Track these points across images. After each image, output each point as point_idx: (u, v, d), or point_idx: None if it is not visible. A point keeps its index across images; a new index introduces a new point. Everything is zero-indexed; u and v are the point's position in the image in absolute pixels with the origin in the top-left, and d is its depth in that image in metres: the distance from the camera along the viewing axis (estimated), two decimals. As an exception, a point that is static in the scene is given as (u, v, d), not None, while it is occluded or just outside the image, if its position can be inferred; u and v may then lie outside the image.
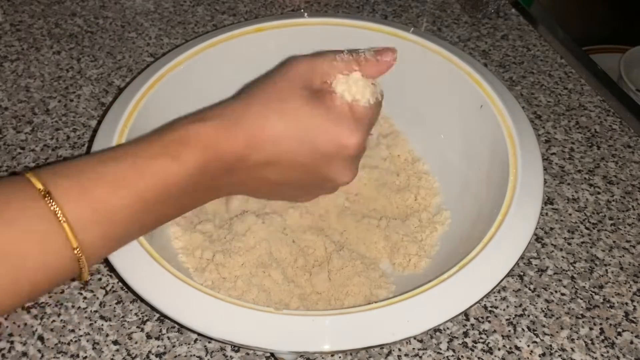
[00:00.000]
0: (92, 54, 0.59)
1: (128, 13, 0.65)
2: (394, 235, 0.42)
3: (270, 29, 0.46)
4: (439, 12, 0.66)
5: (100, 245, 0.30)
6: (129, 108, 0.40)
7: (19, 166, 0.49)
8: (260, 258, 0.39)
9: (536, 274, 0.43)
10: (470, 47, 0.62)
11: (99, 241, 0.30)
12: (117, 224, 0.30)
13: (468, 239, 0.37)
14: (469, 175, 0.43)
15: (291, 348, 0.30)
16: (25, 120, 0.53)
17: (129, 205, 0.30)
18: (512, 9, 0.67)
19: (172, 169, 0.30)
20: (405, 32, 0.45)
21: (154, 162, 0.30)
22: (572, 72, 0.59)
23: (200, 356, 0.38)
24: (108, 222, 0.29)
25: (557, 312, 0.41)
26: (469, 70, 0.43)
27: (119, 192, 0.29)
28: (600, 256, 0.44)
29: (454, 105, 0.45)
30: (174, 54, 0.44)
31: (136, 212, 0.30)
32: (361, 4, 0.67)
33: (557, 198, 0.48)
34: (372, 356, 0.38)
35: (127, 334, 0.39)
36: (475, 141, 0.43)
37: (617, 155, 0.52)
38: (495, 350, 0.39)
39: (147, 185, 0.30)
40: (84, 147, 0.51)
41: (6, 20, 0.63)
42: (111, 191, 0.29)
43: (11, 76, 0.57)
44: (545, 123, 0.54)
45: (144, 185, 0.30)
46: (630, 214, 0.47)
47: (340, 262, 0.40)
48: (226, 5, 0.66)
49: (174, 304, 0.31)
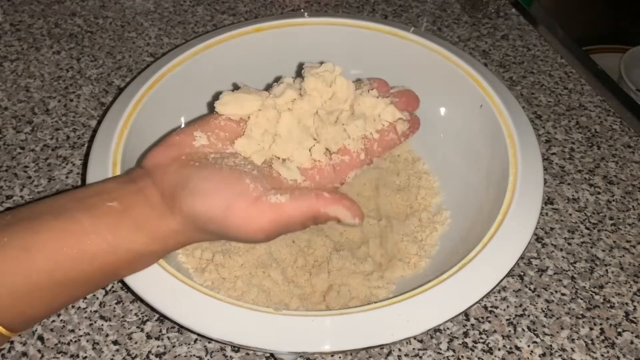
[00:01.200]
0: (92, 53, 0.59)
1: (128, 13, 0.65)
2: (394, 235, 0.42)
3: (270, 29, 0.46)
4: (439, 11, 0.66)
5: (22, 321, 0.29)
6: (129, 108, 0.40)
7: (19, 166, 0.49)
8: (260, 258, 0.39)
9: (536, 274, 0.43)
10: (471, 47, 0.62)
11: (19, 319, 0.29)
12: (35, 303, 0.29)
13: (468, 239, 0.37)
14: (469, 175, 0.43)
15: (291, 348, 0.30)
16: (25, 120, 0.53)
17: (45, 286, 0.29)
18: (512, 8, 0.67)
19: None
20: (405, 31, 0.45)
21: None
22: (572, 72, 0.59)
23: (200, 356, 0.38)
24: (25, 303, 0.29)
25: (557, 312, 0.41)
26: (469, 70, 0.43)
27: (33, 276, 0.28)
28: (600, 256, 0.44)
29: (454, 105, 0.45)
30: (174, 54, 0.44)
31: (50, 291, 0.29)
32: (361, 4, 0.67)
33: (557, 198, 0.48)
34: (372, 356, 0.38)
35: (127, 334, 0.39)
36: (475, 141, 0.43)
37: (617, 155, 0.52)
38: (496, 351, 0.39)
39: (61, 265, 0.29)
40: (84, 147, 0.51)
41: (6, 20, 0.63)
42: (25, 273, 0.28)
43: (11, 76, 0.57)
44: (545, 123, 0.54)
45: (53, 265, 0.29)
46: (631, 214, 0.47)
47: (340, 262, 0.40)
48: (226, 5, 0.66)
49: (174, 304, 0.31)
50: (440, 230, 0.42)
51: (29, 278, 0.28)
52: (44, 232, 0.28)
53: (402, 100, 0.37)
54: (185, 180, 0.30)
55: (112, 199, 0.30)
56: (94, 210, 0.29)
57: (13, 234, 0.28)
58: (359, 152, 0.34)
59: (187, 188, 0.30)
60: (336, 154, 0.34)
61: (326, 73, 0.34)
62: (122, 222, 0.29)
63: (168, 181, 0.30)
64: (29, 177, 0.48)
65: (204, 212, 0.29)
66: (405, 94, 0.37)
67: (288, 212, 0.30)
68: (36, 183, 0.48)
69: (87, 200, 0.30)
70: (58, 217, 0.29)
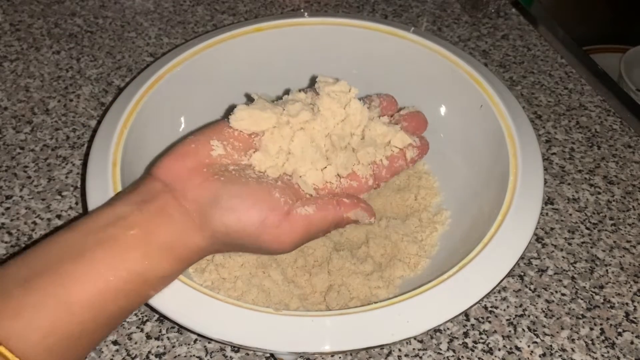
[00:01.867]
0: (92, 53, 0.59)
1: (128, 13, 0.64)
2: (394, 235, 0.42)
3: (270, 28, 0.46)
4: (439, 11, 0.66)
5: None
6: (129, 108, 0.40)
7: (19, 166, 0.49)
8: (260, 258, 0.39)
9: (536, 274, 0.43)
10: (471, 46, 0.62)
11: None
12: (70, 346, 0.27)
13: (468, 239, 0.37)
14: (469, 175, 0.43)
15: (291, 349, 0.30)
16: (25, 120, 0.53)
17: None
18: (512, 8, 0.67)
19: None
20: (405, 31, 0.45)
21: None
22: (572, 72, 0.59)
23: (200, 356, 0.38)
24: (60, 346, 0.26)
25: (557, 313, 0.41)
26: (469, 70, 0.43)
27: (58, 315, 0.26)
28: (600, 256, 0.44)
29: (454, 105, 0.45)
30: (173, 53, 0.44)
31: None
32: (361, 4, 0.67)
33: (558, 198, 0.48)
34: (372, 356, 0.38)
35: (127, 334, 0.39)
36: (475, 141, 0.43)
37: (617, 155, 0.52)
38: (496, 351, 0.39)
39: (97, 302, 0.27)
40: (84, 147, 0.50)
41: (6, 20, 0.63)
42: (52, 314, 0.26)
43: (11, 76, 0.57)
44: (545, 123, 0.54)
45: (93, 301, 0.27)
46: (631, 214, 0.47)
47: (340, 262, 0.40)
48: (226, 5, 0.66)
49: (174, 304, 0.31)
50: (440, 230, 0.42)
51: (71, 326, 0.26)
52: (71, 285, 0.26)
53: (412, 124, 0.37)
54: (214, 197, 0.29)
55: (131, 226, 0.28)
56: (115, 245, 0.28)
57: (40, 290, 0.26)
58: (367, 178, 0.34)
59: (218, 205, 0.29)
60: (345, 178, 0.34)
61: (341, 93, 0.34)
62: (149, 251, 0.28)
63: (193, 197, 0.29)
64: (29, 177, 0.48)
65: (238, 229, 0.29)
66: (414, 118, 0.37)
67: (316, 222, 0.31)
68: (36, 183, 0.47)
69: (103, 232, 0.28)
70: (79, 261, 0.27)
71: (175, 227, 0.29)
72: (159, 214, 0.29)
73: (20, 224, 0.45)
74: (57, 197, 0.47)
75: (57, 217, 0.45)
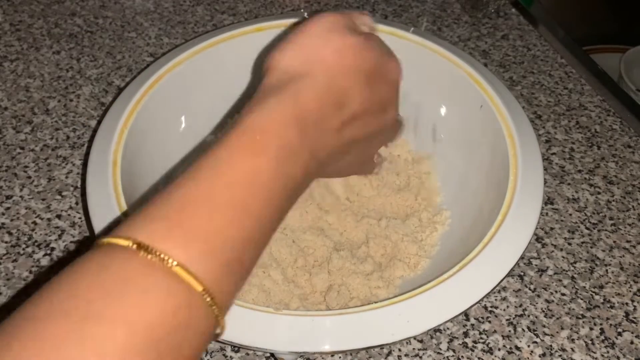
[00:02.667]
0: (92, 53, 0.59)
1: (128, 13, 0.65)
2: (394, 235, 0.42)
3: (270, 28, 0.46)
4: (439, 11, 0.66)
5: (225, 277, 0.25)
6: (129, 108, 0.40)
7: (19, 166, 0.49)
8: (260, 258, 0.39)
9: (536, 274, 0.43)
10: (471, 47, 0.62)
11: (221, 273, 0.24)
12: (229, 247, 0.25)
13: (468, 239, 0.37)
14: (469, 176, 0.43)
15: (291, 348, 0.30)
16: (25, 120, 0.53)
17: (234, 220, 0.25)
18: (512, 8, 0.67)
19: (258, 165, 0.26)
20: (405, 31, 0.45)
21: (236, 168, 0.26)
22: (572, 72, 0.59)
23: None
24: (220, 249, 0.24)
25: (557, 312, 0.41)
26: (469, 70, 0.43)
27: (218, 213, 0.25)
28: (600, 256, 0.44)
29: (454, 105, 0.45)
30: (173, 53, 0.44)
31: (241, 222, 0.26)
32: (361, 4, 0.67)
33: (557, 198, 0.48)
34: (372, 356, 0.38)
35: (127, 334, 0.39)
36: (475, 141, 0.43)
37: (617, 155, 0.52)
38: (496, 351, 0.39)
39: (242, 195, 0.26)
40: (84, 147, 0.50)
41: (6, 20, 0.63)
42: (207, 214, 0.24)
43: (11, 76, 0.57)
44: (545, 123, 0.54)
45: (239, 195, 0.25)
46: (631, 214, 0.47)
47: (340, 262, 0.40)
48: (226, 5, 0.66)
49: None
50: (440, 230, 0.42)
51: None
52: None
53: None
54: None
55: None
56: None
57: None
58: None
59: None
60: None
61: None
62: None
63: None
64: (29, 177, 0.48)
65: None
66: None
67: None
68: (36, 183, 0.48)
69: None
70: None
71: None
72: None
73: (20, 224, 0.45)
74: (57, 197, 0.47)
75: (57, 217, 0.45)
